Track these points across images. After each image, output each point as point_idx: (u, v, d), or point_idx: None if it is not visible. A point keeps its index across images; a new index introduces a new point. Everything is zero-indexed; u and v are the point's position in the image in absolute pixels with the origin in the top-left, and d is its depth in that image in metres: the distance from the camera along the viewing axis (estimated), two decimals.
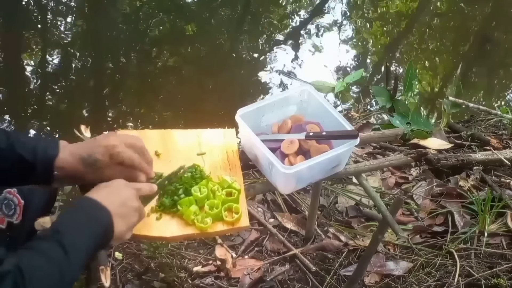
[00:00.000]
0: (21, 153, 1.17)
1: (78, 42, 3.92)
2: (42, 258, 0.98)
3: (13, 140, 1.18)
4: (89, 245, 1.06)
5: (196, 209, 1.35)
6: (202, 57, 3.96)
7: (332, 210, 2.35)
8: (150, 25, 4.18)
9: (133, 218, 1.18)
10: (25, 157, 1.17)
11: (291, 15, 4.59)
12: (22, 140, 1.20)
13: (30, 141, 1.22)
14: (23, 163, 1.17)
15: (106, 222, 1.10)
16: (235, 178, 1.45)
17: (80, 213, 1.10)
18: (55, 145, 1.21)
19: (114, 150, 1.23)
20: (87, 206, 1.11)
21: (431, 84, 4.17)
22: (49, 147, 1.20)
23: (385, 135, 1.83)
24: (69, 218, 1.09)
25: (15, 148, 1.17)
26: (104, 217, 1.10)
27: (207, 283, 1.95)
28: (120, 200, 1.15)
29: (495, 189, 2.40)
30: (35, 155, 1.18)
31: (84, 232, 1.06)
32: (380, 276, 2.04)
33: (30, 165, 1.18)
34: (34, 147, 1.19)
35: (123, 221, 1.14)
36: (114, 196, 1.15)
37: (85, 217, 1.09)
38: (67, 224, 1.07)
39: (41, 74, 3.64)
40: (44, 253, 0.98)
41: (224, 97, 3.53)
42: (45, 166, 1.19)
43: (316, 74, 3.76)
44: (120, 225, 1.13)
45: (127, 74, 3.79)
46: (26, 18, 4.04)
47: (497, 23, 4.91)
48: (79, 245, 1.04)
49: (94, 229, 1.08)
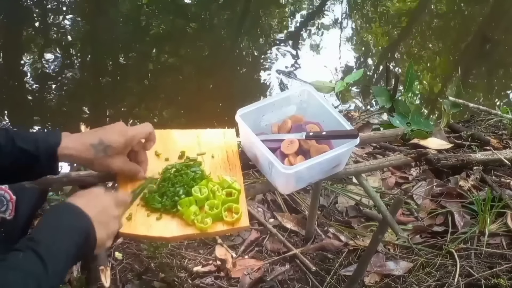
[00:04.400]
0: (23, 146, 1.16)
1: (77, 42, 3.92)
2: (17, 271, 0.94)
3: (13, 135, 1.17)
4: (69, 253, 1.02)
5: (196, 209, 1.35)
6: (202, 57, 3.96)
7: (332, 210, 2.35)
8: (150, 25, 4.18)
9: (113, 226, 1.15)
10: (27, 149, 1.16)
11: (291, 15, 4.59)
12: (22, 134, 1.19)
13: (30, 134, 1.21)
14: (26, 155, 1.16)
15: (86, 228, 1.06)
16: (235, 178, 1.45)
17: (58, 219, 1.06)
18: (57, 134, 1.21)
19: (128, 134, 1.25)
20: (65, 212, 1.08)
21: (431, 84, 4.17)
22: (51, 136, 1.20)
23: (385, 135, 1.83)
24: (47, 225, 1.05)
25: (15, 142, 1.16)
26: (84, 223, 1.06)
27: (207, 283, 1.95)
28: (101, 207, 1.12)
29: (495, 189, 2.40)
30: (37, 146, 1.17)
31: (62, 239, 1.02)
32: (380, 276, 2.04)
33: (33, 157, 1.16)
34: (35, 138, 1.18)
35: (104, 228, 1.11)
36: (94, 203, 1.12)
37: (64, 223, 1.05)
38: (45, 232, 1.03)
39: (41, 74, 3.64)
40: (19, 265, 0.95)
41: (224, 97, 3.53)
42: (49, 155, 1.17)
43: (316, 74, 3.76)
44: (101, 232, 1.09)
45: (127, 74, 3.79)
46: (26, 16, 4.04)
47: (497, 23, 4.91)
48: (57, 253, 0.99)
49: (74, 236, 1.03)
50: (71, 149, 1.19)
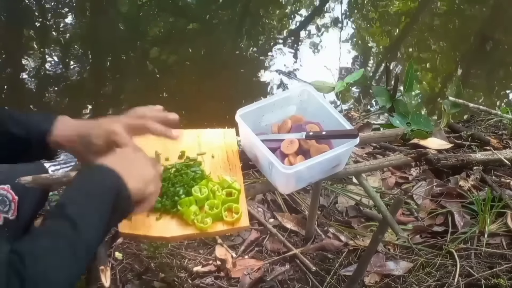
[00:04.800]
0: (13, 131, 1.13)
1: (77, 41, 3.92)
2: (46, 237, 0.88)
3: (8, 117, 1.15)
4: (102, 212, 0.95)
5: (196, 209, 1.35)
6: (202, 57, 3.96)
7: (332, 210, 2.35)
8: (150, 25, 4.18)
9: (148, 174, 1.08)
10: (18, 134, 1.12)
11: (291, 15, 4.58)
12: (16, 117, 1.15)
13: (24, 117, 1.16)
14: (18, 140, 1.13)
15: (115, 183, 0.99)
16: (235, 178, 1.45)
17: (83, 181, 1.01)
18: (49, 119, 1.15)
19: (111, 137, 1.13)
20: (89, 173, 1.02)
21: (431, 84, 4.17)
22: (44, 122, 1.15)
23: (385, 135, 1.83)
24: (72, 188, 1.00)
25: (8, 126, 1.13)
26: (112, 177, 1.00)
27: (207, 283, 1.95)
28: (130, 160, 1.06)
29: (495, 189, 2.40)
30: (28, 131, 1.13)
31: (91, 199, 0.96)
32: (380, 276, 2.04)
33: (25, 141, 1.13)
34: (28, 123, 1.14)
35: (137, 180, 1.03)
36: (121, 158, 1.06)
37: (89, 183, 0.99)
38: (70, 195, 0.98)
39: (40, 74, 3.64)
40: (47, 231, 0.90)
41: (224, 97, 3.53)
42: (39, 142, 1.13)
43: (316, 74, 3.76)
44: (134, 183, 1.02)
45: (126, 74, 3.79)
46: (25, 16, 4.04)
47: (497, 23, 4.91)
48: (88, 213, 0.94)
49: (104, 194, 0.97)
50: (61, 137, 1.13)
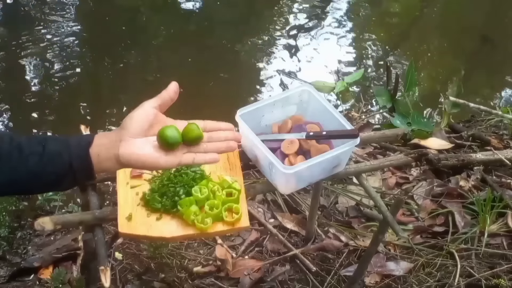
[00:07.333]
0: (53, 149, 1.02)
1: (77, 41, 3.92)
2: None
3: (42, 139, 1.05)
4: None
5: (196, 210, 1.35)
6: (202, 56, 3.96)
7: (332, 210, 2.35)
8: (150, 25, 4.18)
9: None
10: (59, 151, 1.02)
11: (291, 15, 4.58)
12: (51, 137, 1.10)
13: (59, 138, 1.07)
14: (57, 161, 1.02)
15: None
16: (236, 178, 1.44)
17: None
18: (88, 136, 1.07)
19: None
20: None
21: (432, 84, 4.16)
22: (81, 139, 1.06)
23: (385, 135, 1.83)
24: None
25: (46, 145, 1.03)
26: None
27: (207, 284, 1.95)
28: None
29: (496, 189, 2.40)
30: (69, 149, 1.03)
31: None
32: (380, 276, 2.04)
33: (65, 162, 1.02)
34: (66, 142, 1.04)
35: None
36: None
37: None
38: None
39: (40, 74, 3.64)
40: None
41: (224, 97, 3.52)
42: (81, 157, 1.03)
43: (316, 74, 3.75)
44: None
45: (126, 74, 3.79)
46: (25, 15, 4.04)
47: (497, 23, 4.90)
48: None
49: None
50: (101, 146, 1.05)
